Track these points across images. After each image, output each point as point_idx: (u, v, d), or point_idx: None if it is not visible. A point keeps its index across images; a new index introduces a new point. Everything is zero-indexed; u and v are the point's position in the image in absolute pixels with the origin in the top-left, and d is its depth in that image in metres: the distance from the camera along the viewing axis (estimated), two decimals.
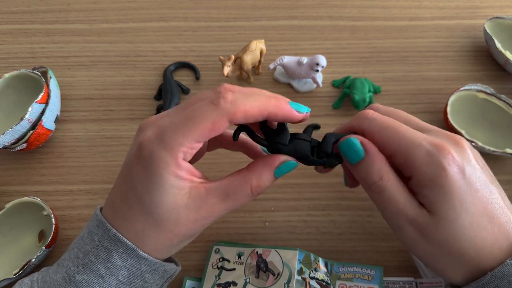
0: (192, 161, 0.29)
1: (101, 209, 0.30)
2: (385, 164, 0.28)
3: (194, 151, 0.26)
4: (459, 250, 0.27)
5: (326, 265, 0.35)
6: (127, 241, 0.27)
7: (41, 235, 0.39)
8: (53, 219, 0.37)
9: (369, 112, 0.30)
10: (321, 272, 0.34)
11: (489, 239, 0.27)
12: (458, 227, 0.27)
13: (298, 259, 0.33)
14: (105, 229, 0.28)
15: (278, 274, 0.33)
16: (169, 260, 0.31)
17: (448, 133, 0.30)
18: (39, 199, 0.38)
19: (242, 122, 0.26)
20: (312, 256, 0.35)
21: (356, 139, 0.28)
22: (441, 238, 0.27)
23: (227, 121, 0.26)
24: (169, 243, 0.28)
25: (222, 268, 0.35)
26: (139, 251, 0.27)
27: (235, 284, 0.33)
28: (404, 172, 0.29)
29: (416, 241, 0.28)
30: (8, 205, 0.38)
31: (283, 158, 0.29)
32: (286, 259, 0.34)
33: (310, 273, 0.33)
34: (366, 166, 0.28)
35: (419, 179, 0.27)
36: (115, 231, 0.27)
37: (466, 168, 0.27)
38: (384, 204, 0.28)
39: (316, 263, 0.34)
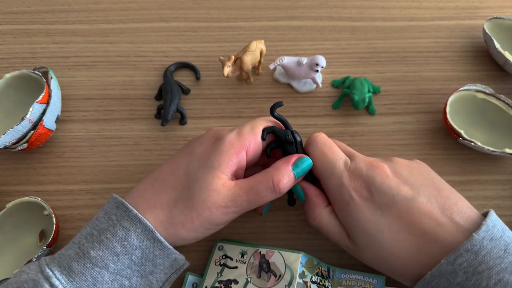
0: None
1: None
2: (318, 206, 0.34)
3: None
4: (390, 266, 0.31)
5: (328, 271, 0.35)
6: (147, 222, 0.29)
7: (42, 235, 0.39)
8: (54, 219, 0.37)
9: (319, 137, 0.36)
10: (323, 277, 0.34)
11: (413, 250, 0.29)
12: (377, 249, 0.30)
13: (301, 263, 0.34)
14: (125, 210, 0.29)
15: (280, 275, 0.33)
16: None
17: (368, 159, 0.34)
18: (39, 199, 0.38)
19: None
20: (315, 261, 0.35)
21: (298, 186, 0.35)
22: (371, 259, 0.32)
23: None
24: (192, 227, 0.30)
25: (224, 265, 0.35)
26: (156, 233, 0.29)
27: (236, 282, 0.34)
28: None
29: (362, 259, 0.33)
30: (8, 205, 0.38)
31: (298, 155, 0.34)
32: (289, 262, 0.34)
33: (312, 277, 0.33)
34: (306, 207, 0.35)
35: (336, 208, 0.33)
36: (136, 211, 0.29)
37: (374, 192, 0.31)
38: (325, 235, 0.34)
39: (319, 268, 0.34)
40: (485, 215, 0.30)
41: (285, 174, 0.32)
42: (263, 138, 0.34)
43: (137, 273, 0.29)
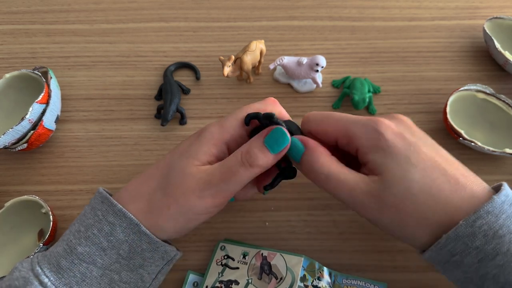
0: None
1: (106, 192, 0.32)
2: (323, 153, 0.31)
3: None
4: (417, 207, 0.28)
5: (330, 275, 0.35)
6: (131, 216, 0.29)
7: (41, 234, 0.39)
8: (51, 216, 0.37)
9: (307, 115, 0.34)
10: (324, 282, 0.34)
11: (446, 189, 0.27)
12: (409, 181, 0.28)
13: (303, 266, 0.34)
14: (110, 205, 0.30)
15: (281, 278, 0.33)
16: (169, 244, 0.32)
17: (382, 116, 0.32)
18: (37, 197, 0.38)
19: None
20: (316, 265, 0.35)
21: (295, 138, 0.31)
22: (396, 198, 0.28)
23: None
24: (169, 215, 0.30)
25: (226, 265, 0.35)
26: (141, 226, 0.29)
27: (237, 283, 0.34)
28: (351, 152, 0.31)
29: (378, 211, 0.29)
30: (7, 204, 0.38)
31: (270, 127, 0.31)
32: (291, 265, 0.34)
33: (313, 281, 0.33)
34: (308, 158, 0.31)
35: (363, 150, 0.30)
36: (120, 206, 0.29)
37: (404, 132, 0.30)
38: (337, 189, 0.30)
39: (320, 272, 0.34)
40: (496, 189, 0.29)
41: (254, 146, 0.30)
42: (246, 124, 0.32)
43: (126, 267, 0.29)
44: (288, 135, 0.31)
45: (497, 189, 0.29)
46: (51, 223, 0.37)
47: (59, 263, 0.28)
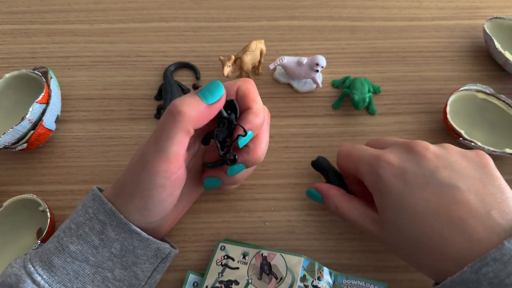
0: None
1: (99, 189, 0.32)
2: (336, 196, 0.35)
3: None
4: (414, 251, 0.29)
5: (330, 275, 0.35)
6: (121, 216, 0.29)
7: (40, 233, 0.39)
8: (49, 213, 0.37)
9: (340, 150, 0.37)
10: (324, 282, 0.34)
11: (446, 234, 0.27)
12: (398, 227, 0.29)
13: (303, 266, 0.33)
14: (101, 203, 0.30)
15: (281, 278, 0.33)
16: (164, 242, 0.33)
17: (408, 141, 0.33)
18: (34, 196, 0.38)
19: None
20: (316, 265, 0.35)
21: (312, 189, 0.37)
22: (393, 239, 0.30)
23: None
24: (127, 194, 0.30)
25: (226, 265, 0.35)
26: (131, 225, 0.29)
27: (237, 283, 0.33)
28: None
29: (386, 246, 0.33)
30: (5, 203, 0.38)
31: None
32: (291, 265, 0.34)
33: (313, 281, 0.33)
34: (326, 203, 0.36)
35: (368, 188, 0.32)
36: (110, 205, 0.29)
37: (407, 171, 0.30)
38: (351, 224, 0.34)
39: (320, 272, 0.34)
40: None
41: (185, 96, 0.30)
42: (204, 143, 0.34)
43: (119, 265, 0.29)
44: (224, 89, 0.30)
45: None
46: (49, 220, 0.37)
47: (51, 261, 0.28)
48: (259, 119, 0.32)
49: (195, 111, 0.29)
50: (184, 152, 0.30)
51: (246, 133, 0.31)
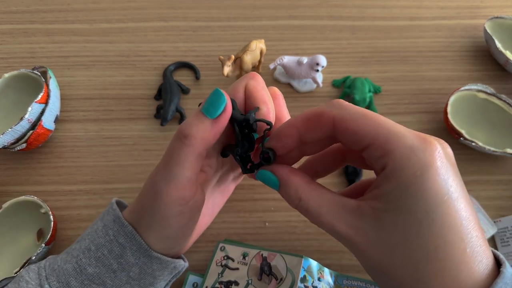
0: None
1: (117, 203, 0.31)
2: (301, 184, 0.25)
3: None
4: (407, 268, 0.22)
5: (330, 276, 0.35)
6: (141, 241, 0.28)
7: (40, 234, 0.39)
8: (51, 216, 0.37)
9: (344, 102, 0.25)
10: (325, 282, 0.34)
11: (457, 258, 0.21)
12: (407, 231, 0.22)
13: (303, 267, 0.33)
14: (121, 225, 0.29)
15: (281, 279, 0.33)
16: (178, 257, 0.32)
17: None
18: (36, 198, 0.38)
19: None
20: (317, 265, 0.34)
21: (265, 171, 0.27)
22: (384, 248, 0.23)
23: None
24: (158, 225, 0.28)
25: (225, 266, 0.35)
26: (152, 252, 0.28)
27: (237, 284, 0.33)
28: (376, 167, 0.24)
29: (373, 260, 0.24)
30: (5, 205, 0.38)
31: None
32: (291, 265, 0.33)
33: (313, 282, 0.33)
34: (284, 192, 0.26)
35: (395, 178, 0.22)
36: (131, 228, 0.28)
37: (445, 170, 0.22)
38: (317, 222, 0.25)
39: (320, 273, 0.34)
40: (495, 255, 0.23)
41: (190, 117, 0.27)
42: (223, 156, 0.31)
43: (136, 287, 0.29)
44: (227, 96, 0.26)
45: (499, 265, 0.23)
46: (52, 223, 0.37)
47: (68, 282, 0.28)
48: (270, 120, 0.28)
49: (203, 131, 0.26)
50: (197, 176, 0.28)
51: (270, 126, 0.27)
